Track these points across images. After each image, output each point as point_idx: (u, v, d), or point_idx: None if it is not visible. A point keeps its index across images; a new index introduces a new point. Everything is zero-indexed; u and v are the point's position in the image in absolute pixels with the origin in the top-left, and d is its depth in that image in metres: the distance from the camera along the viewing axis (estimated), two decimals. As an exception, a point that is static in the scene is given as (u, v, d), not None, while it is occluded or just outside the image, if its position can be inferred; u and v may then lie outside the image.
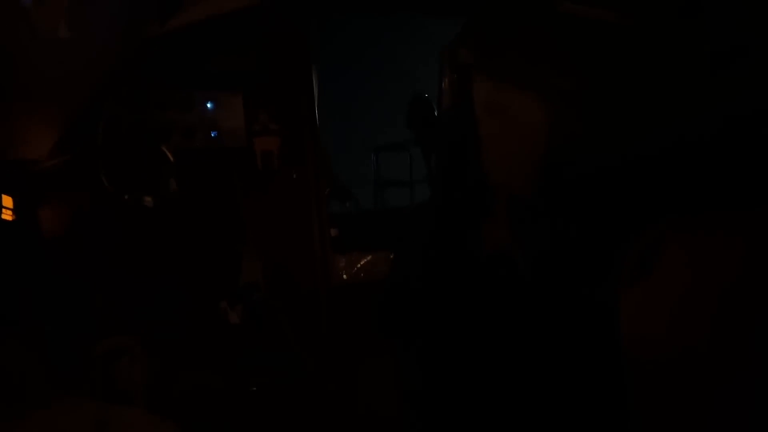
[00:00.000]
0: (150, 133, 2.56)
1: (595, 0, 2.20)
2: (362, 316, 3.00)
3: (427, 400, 2.80)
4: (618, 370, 1.62)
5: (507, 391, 2.48)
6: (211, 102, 2.69)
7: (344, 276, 3.34)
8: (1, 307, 2.10)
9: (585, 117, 2.32)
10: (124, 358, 2.21)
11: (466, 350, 2.79)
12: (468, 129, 3.05)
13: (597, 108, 2.22)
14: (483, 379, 2.59)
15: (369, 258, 3.42)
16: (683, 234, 1.52)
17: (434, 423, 2.70)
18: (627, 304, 1.61)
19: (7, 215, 2.25)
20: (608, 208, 2.01)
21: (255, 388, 2.69)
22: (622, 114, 2.09)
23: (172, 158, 2.47)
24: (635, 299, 1.60)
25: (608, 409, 1.81)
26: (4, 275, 2.17)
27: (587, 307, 2.02)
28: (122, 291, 2.56)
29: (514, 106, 2.70)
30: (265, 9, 2.71)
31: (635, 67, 2.08)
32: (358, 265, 3.40)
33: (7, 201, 2.25)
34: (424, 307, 3.00)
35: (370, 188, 6.12)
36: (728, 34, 1.70)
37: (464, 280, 2.91)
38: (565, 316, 2.24)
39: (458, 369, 2.74)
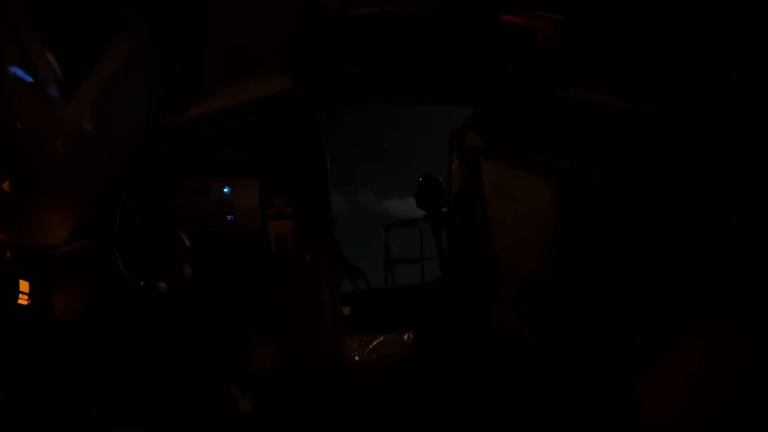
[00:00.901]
0: (166, 220, 2.61)
1: (595, 87, 2.29)
2: (375, 399, 2.96)
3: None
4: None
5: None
6: (228, 187, 2.76)
7: (356, 357, 3.30)
8: (11, 392, 2.08)
9: (592, 200, 2.35)
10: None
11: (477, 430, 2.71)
12: (477, 210, 3.09)
13: (604, 192, 2.26)
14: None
15: (381, 339, 3.39)
16: (697, 322, 1.51)
17: None
18: (643, 393, 1.58)
19: (23, 300, 2.27)
20: (619, 294, 2.01)
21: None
22: (628, 198, 2.12)
23: (188, 243, 2.51)
24: (652, 388, 1.58)
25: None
26: (16, 360, 2.16)
27: (600, 393, 1.99)
28: (132, 378, 2.54)
29: (521, 189, 2.75)
30: (277, 100, 2.82)
31: (639, 153, 2.12)
32: (370, 347, 3.37)
33: (24, 286, 2.27)
34: (440, 392, 2.95)
35: (380, 266, 6.11)
36: (725, 124, 1.75)
37: (474, 363, 2.88)
38: (577, 402, 2.19)
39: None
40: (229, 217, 2.76)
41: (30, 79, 1.65)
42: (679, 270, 1.80)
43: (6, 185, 1.97)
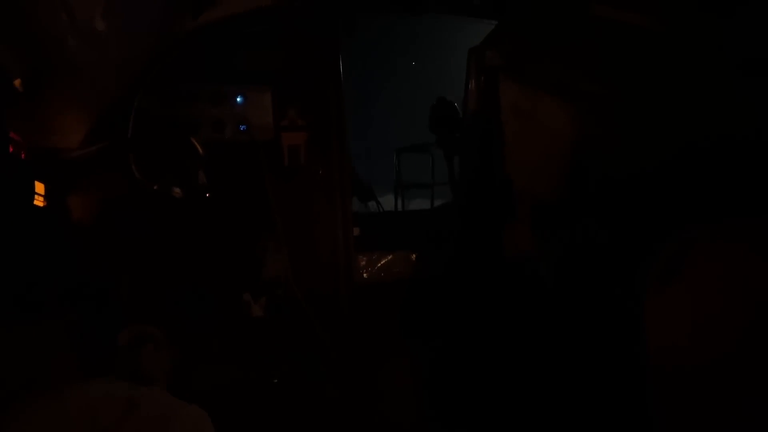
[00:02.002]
0: (180, 126, 2.60)
1: (628, 3, 2.20)
2: (382, 315, 3.02)
3: (447, 401, 2.81)
4: (640, 376, 1.61)
5: (526, 393, 2.47)
6: (241, 96, 2.73)
7: (364, 275, 3.36)
8: (33, 293, 2.13)
9: (612, 122, 2.31)
10: (148, 345, 2.23)
11: (486, 352, 2.79)
12: (494, 132, 3.05)
13: (625, 114, 2.22)
14: (503, 381, 2.59)
15: (390, 258, 3.44)
16: (711, 241, 1.51)
17: (455, 423, 2.70)
18: (652, 311, 1.60)
19: (39, 201, 2.29)
20: (633, 215, 2.00)
21: (276, 381, 2.71)
22: (649, 120, 2.08)
23: (201, 150, 2.51)
24: (661, 306, 1.59)
25: (629, 416, 1.80)
26: (35, 261, 2.21)
27: (609, 312, 2.02)
28: (148, 280, 2.60)
29: (540, 110, 2.70)
30: (295, 7, 2.74)
31: (665, 73, 2.07)
32: (379, 265, 3.42)
33: (40, 188, 2.29)
34: (447, 308, 3.01)
35: (392, 189, 6.12)
36: (762, 40, 1.69)
37: (486, 282, 2.92)
38: (586, 321, 2.23)
39: (478, 370, 2.74)
40: (242, 127, 2.74)
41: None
42: (700, 190, 1.78)
43: (18, 83, 1.96)
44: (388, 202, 5.79)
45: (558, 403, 2.28)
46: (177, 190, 2.50)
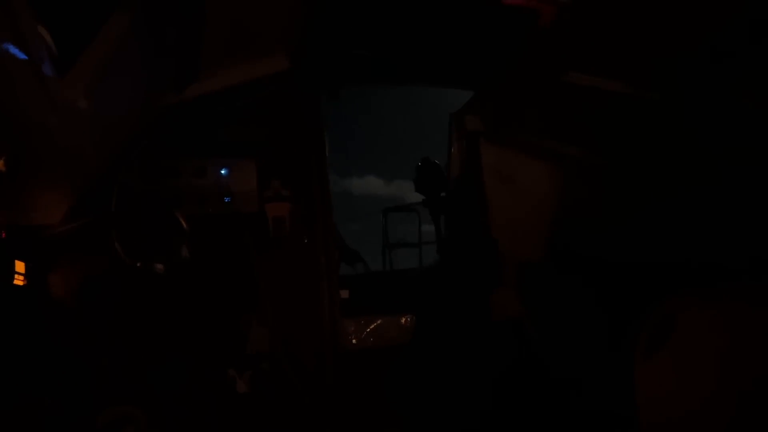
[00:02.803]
0: (163, 200, 2.59)
1: (598, 71, 2.25)
2: (371, 383, 2.96)
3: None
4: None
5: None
6: (225, 168, 2.74)
7: (353, 341, 3.30)
8: (10, 374, 2.08)
9: (592, 185, 2.33)
10: (128, 428, 2.17)
11: (477, 416, 2.72)
12: (476, 194, 3.07)
13: (606, 177, 2.24)
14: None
15: (379, 322, 3.39)
16: (696, 308, 1.50)
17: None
18: (642, 375, 1.58)
19: (19, 280, 2.25)
20: (620, 279, 2.00)
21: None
22: (630, 183, 2.10)
23: (185, 225, 2.49)
24: (651, 371, 1.57)
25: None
26: (13, 342, 2.16)
27: (599, 376, 1.99)
28: (129, 359, 2.54)
29: (522, 174, 2.73)
30: (277, 81, 2.79)
31: (640, 137, 2.10)
32: (368, 330, 3.37)
33: (20, 267, 2.26)
34: (437, 372, 2.95)
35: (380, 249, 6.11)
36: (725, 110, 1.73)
37: (474, 346, 2.88)
38: (577, 385, 2.20)
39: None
40: (226, 199, 2.74)
41: (24, 56, 1.63)
42: (678, 257, 1.78)
43: (0, 164, 1.95)
44: (376, 262, 5.78)
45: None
46: (160, 266, 2.47)
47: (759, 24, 1.54)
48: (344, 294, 3.14)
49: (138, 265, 2.44)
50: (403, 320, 3.39)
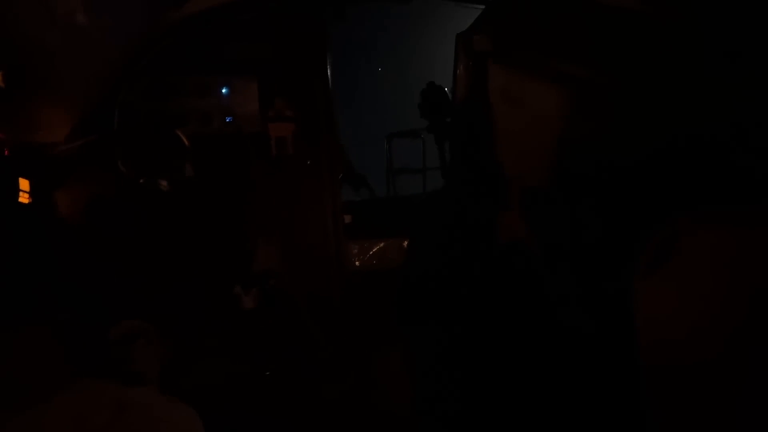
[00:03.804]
0: (166, 119, 2.58)
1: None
2: (375, 303, 3.02)
3: (441, 392, 2.81)
4: (632, 365, 1.61)
5: (521, 383, 2.48)
6: (227, 88, 2.70)
7: (357, 263, 3.35)
8: (19, 293, 2.12)
9: (603, 109, 2.30)
10: (139, 341, 2.22)
11: (481, 340, 2.79)
12: (482, 118, 3.03)
13: (615, 101, 2.20)
14: (498, 371, 2.59)
15: (381, 245, 3.43)
16: (702, 227, 1.51)
17: (449, 416, 2.70)
18: (644, 297, 1.60)
19: (24, 198, 2.27)
20: (624, 201, 2.00)
21: (268, 374, 2.71)
22: (638, 106, 2.07)
23: (187, 143, 2.48)
24: (652, 292, 1.59)
25: (622, 405, 1.81)
26: (20, 260, 2.19)
27: (602, 298, 2.02)
28: (137, 275, 2.58)
29: (530, 96, 2.68)
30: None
31: (656, 60, 2.05)
32: (371, 252, 3.41)
33: (24, 184, 2.27)
34: (441, 295, 3.01)
35: (383, 175, 6.09)
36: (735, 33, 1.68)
37: (480, 269, 2.91)
38: (579, 307, 2.23)
39: (473, 360, 2.74)
40: (228, 119, 2.71)
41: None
42: (686, 178, 1.77)
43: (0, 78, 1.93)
44: (380, 187, 5.77)
45: (551, 400, 2.30)
46: (164, 183, 2.48)
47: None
48: (347, 219, 3.16)
49: (142, 182, 2.45)
50: (405, 243, 3.42)
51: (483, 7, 3.07)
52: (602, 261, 2.01)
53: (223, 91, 2.71)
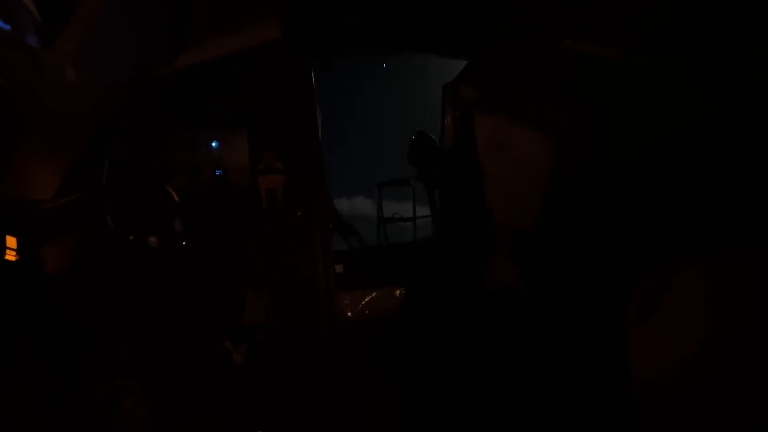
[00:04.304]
0: (155, 174, 2.58)
1: (590, 37, 2.24)
2: (367, 353, 2.98)
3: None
4: (626, 406, 1.59)
5: (515, 424, 2.43)
6: (217, 141, 2.72)
7: (349, 313, 3.32)
8: (3, 350, 2.07)
9: (586, 152, 2.33)
10: (126, 400, 2.18)
11: (474, 386, 2.75)
12: (470, 165, 3.07)
13: (598, 143, 2.24)
14: (492, 412, 2.55)
15: (373, 295, 3.40)
16: (689, 269, 1.51)
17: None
18: (636, 342, 1.59)
19: (11, 256, 2.24)
20: (612, 244, 2.01)
21: (260, 431, 2.64)
22: (623, 150, 2.10)
23: (176, 198, 2.48)
24: (644, 337, 1.58)
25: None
26: (6, 317, 2.15)
27: (593, 342, 2.00)
28: (125, 331, 2.54)
29: (516, 143, 2.73)
30: (269, 50, 2.76)
31: (634, 103, 2.10)
32: (363, 302, 3.38)
33: (11, 242, 2.25)
34: (433, 340, 2.98)
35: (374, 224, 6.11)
36: (717, 72, 1.73)
37: (470, 314, 2.90)
38: (571, 351, 2.21)
39: (465, 402, 2.70)
40: (218, 172, 2.72)
41: (7, 26, 1.60)
42: (671, 217, 1.79)
43: (-12, 137, 1.93)
44: (371, 236, 5.77)
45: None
46: (153, 239, 2.46)
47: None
48: (339, 269, 3.15)
49: (131, 238, 2.43)
50: (398, 292, 3.40)
51: (466, 61, 3.15)
52: (592, 304, 2.01)
53: (213, 144, 2.72)
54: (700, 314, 1.43)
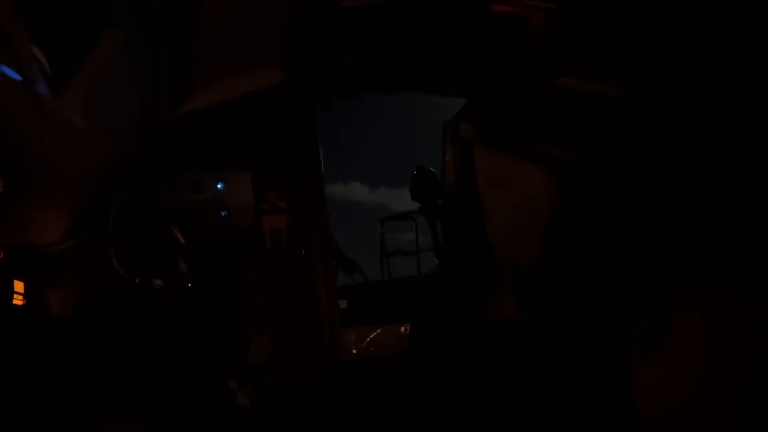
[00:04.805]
0: (160, 216, 2.61)
1: (589, 75, 2.28)
2: (373, 392, 2.96)
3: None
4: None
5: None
6: (221, 182, 2.75)
7: (354, 350, 3.31)
8: (8, 395, 2.08)
9: (587, 189, 2.35)
10: (132, 443, 2.16)
11: (481, 421, 2.72)
12: (472, 200, 3.09)
13: (599, 180, 2.26)
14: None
15: (378, 332, 3.40)
16: (691, 306, 1.52)
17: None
18: (641, 380, 1.59)
19: (18, 300, 2.26)
20: (614, 281, 2.01)
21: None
22: (622, 185, 2.12)
23: (182, 240, 2.51)
24: (649, 371, 1.58)
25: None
26: (13, 361, 2.16)
27: (597, 377, 2.00)
28: (130, 374, 2.54)
29: (516, 179, 2.75)
30: (271, 94, 2.82)
31: (632, 138, 2.12)
32: (368, 339, 3.38)
33: (19, 286, 2.27)
34: (439, 383, 2.96)
35: (377, 258, 6.14)
36: (719, 106, 1.75)
37: (474, 351, 2.88)
38: (575, 387, 2.20)
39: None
40: (223, 213, 2.75)
41: (18, 76, 1.64)
42: (674, 257, 1.80)
43: None
44: (374, 270, 5.79)
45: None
46: (158, 282, 2.48)
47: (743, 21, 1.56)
48: (343, 304, 3.15)
49: (137, 281, 2.45)
50: (402, 329, 3.40)
51: (464, 100, 3.21)
52: (597, 340, 2.01)
53: (218, 186, 2.76)
54: (699, 352, 1.44)
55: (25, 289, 2.29)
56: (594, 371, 2.03)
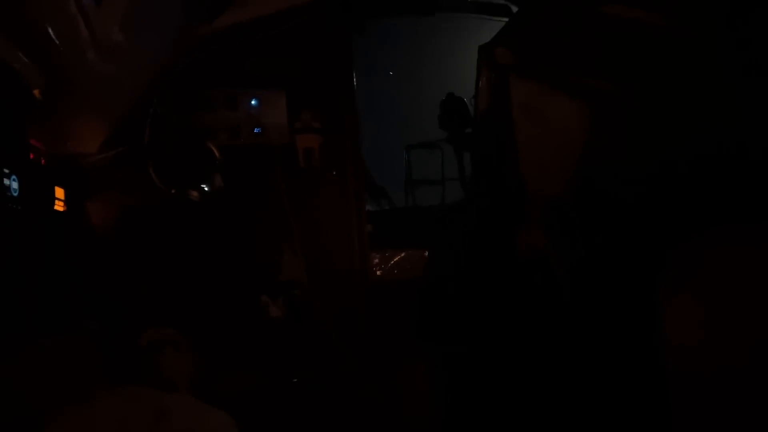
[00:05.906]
0: (196, 131, 2.63)
1: (640, 2, 2.19)
2: (397, 314, 3.04)
3: (463, 406, 2.81)
4: (658, 379, 1.62)
5: (543, 397, 2.47)
6: (256, 100, 2.76)
7: (378, 272, 3.38)
8: (54, 300, 2.16)
9: (624, 123, 2.31)
10: (167, 349, 2.27)
11: (502, 356, 2.79)
12: (504, 131, 3.05)
13: (636, 114, 2.21)
14: (519, 386, 2.59)
15: (402, 255, 3.46)
16: (728, 243, 1.52)
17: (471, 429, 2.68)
18: (670, 313, 1.61)
19: (60, 206, 2.33)
20: (647, 216, 2.01)
21: (296, 380, 2.74)
22: (662, 120, 2.08)
23: (217, 155, 2.54)
24: (679, 307, 1.60)
25: (647, 418, 1.82)
26: (56, 268, 2.24)
27: (627, 313, 2.02)
28: (166, 285, 2.64)
29: (552, 110, 2.70)
30: (307, 12, 2.77)
31: (677, 72, 2.07)
32: (392, 262, 3.44)
33: (60, 193, 2.33)
34: (459, 311, 3.02)
35: (401, 186, 6.13)
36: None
37: (499, 285, 2.91)
38: (604, 325, 2.23)
39: (495, 375, 2.74)
40: (256, 130, 2.77)
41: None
42: (710, 194, 1.78)
43: (37, 93, 1.99)
44: (399, 198, 5.81)
45: (577, 409, 2.29)
46: (194, 193, 2.53)
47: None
48: (368, 229, 3.20)
49: (173, 192, 2.51)
50: (426, 254, 3.45)
51: (505, 20, 3.11)
52: (626, 275, 2.02)
53: (252, 103, 2.76)
54: (734, 289, 1.45)
55: (66, 196, 2.35)
56: (621, 306, 2.05)
